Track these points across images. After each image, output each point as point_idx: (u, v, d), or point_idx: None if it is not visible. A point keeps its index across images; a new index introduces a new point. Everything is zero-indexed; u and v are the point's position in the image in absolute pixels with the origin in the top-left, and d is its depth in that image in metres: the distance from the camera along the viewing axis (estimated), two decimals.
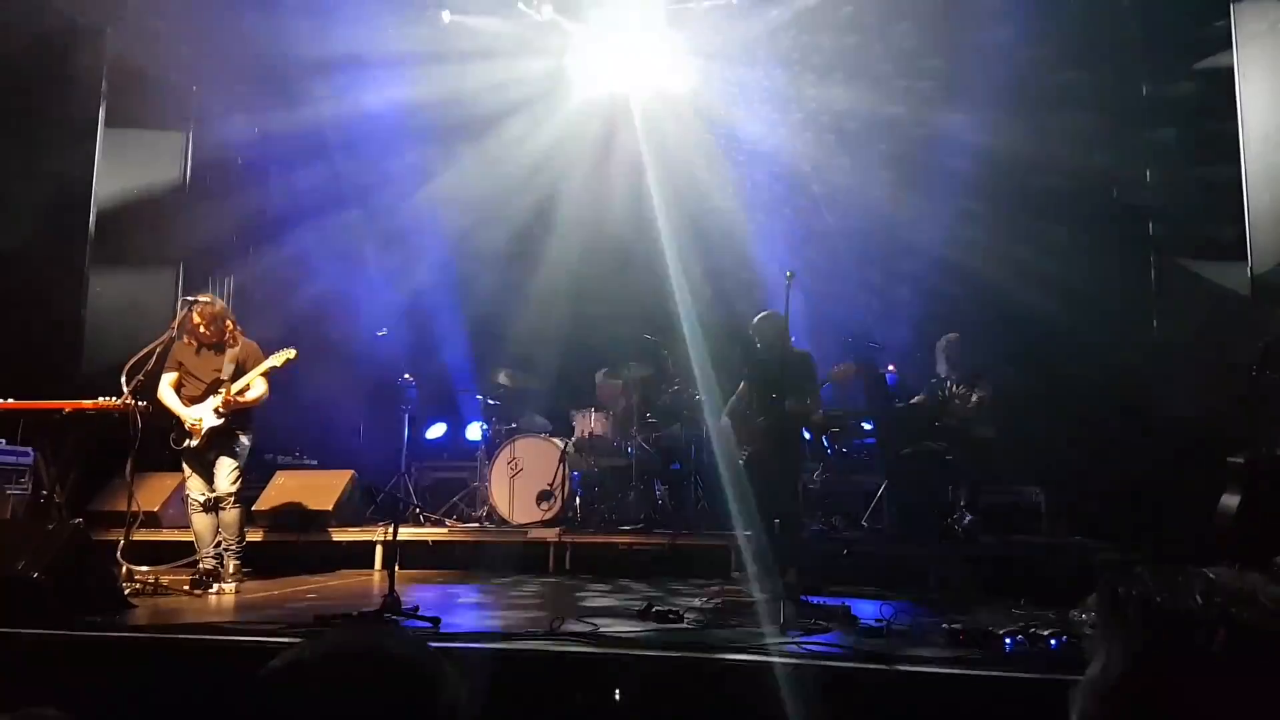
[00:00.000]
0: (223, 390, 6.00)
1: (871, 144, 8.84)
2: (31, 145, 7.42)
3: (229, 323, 6.22)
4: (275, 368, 6.16)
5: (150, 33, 8.06)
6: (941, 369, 7.32)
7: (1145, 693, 0.86)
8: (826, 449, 7.74)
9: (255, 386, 6.12)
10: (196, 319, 6.08)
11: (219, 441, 6.03)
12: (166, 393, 6.07)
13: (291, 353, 6.20)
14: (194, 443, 5.99)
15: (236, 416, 6.06)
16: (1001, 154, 8.12)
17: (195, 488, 6.07)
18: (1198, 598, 0.91)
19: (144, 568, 6.04)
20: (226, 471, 6.03)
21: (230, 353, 6.13)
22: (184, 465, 6.11)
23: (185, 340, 6.15)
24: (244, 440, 6.14)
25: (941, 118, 8.32)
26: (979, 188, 8.26)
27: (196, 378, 6.11)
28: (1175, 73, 7.33)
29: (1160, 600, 0.91)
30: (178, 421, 6.02)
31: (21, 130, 7.38)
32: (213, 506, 6.05)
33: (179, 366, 6.13)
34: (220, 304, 6.34)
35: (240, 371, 6.10)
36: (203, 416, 5.99)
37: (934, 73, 8.20)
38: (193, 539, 6.16)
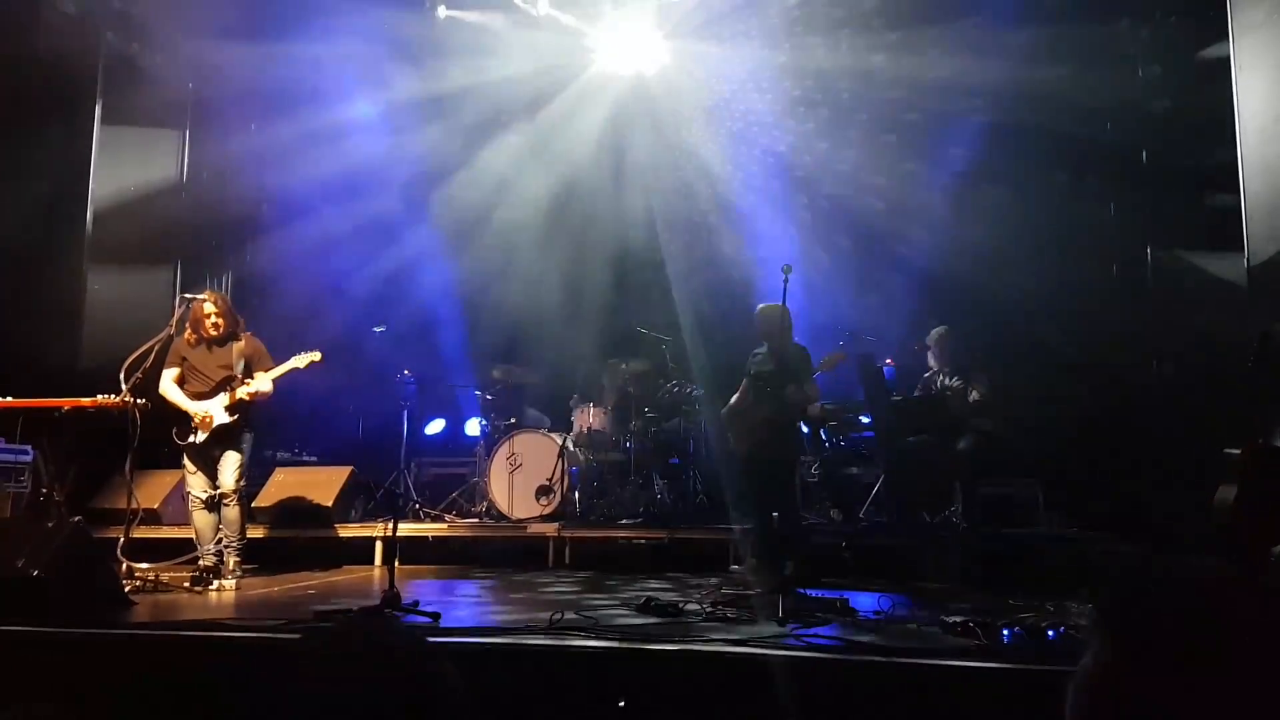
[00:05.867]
0: (232, 387, 5.99)
1: (869, 134, 8.84)
2: (28, 143, 7.41)
3: (239, 318, 6.22)
4: (298, 369, 6.13)
5: (147, 30, 8.05)
6: (932, 363, 7.31)
7: (1133, 686, 0.86)
8: (824, 442, 7.75)
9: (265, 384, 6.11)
10: (211, 310, 6.06)
11: (224, 437, 6.03)
12: (170, 388, 6.06)
13: (317, 355, 6.15)
14: (200, 438, 5.99)
15: (242, 413, 6.06)
16: (998, 142, 8.13)
17: (196, 485, 6.06)
18: (1187, 591, 0.92)
19: (144, 565, 6.03)
20: (232, 467, 6.02)
21: (237, 348, 6.12)
22: (185, 462, 6.10)
23: (188, 337, 6.13)
24: (248, 435, 6.14)
25: (939, 108, 8.34)
26: (975, 177, 8.26)
27: (203, 374, 6.10)
28: (1173, 61, 7.33)
29: (1149, 593, 0.92)
30: (182, 416, 6.01)
31: (18, 128, 7.36)
32: (214, 504, 6.05)
33: (181, 362, 6.12)
34: (227, 299, 6.35)
35: (248, 368, 6.10)
36: (212, 412, 5.99)
37: (936, 55, 8.20)
38: (193, 536, 6.16)
